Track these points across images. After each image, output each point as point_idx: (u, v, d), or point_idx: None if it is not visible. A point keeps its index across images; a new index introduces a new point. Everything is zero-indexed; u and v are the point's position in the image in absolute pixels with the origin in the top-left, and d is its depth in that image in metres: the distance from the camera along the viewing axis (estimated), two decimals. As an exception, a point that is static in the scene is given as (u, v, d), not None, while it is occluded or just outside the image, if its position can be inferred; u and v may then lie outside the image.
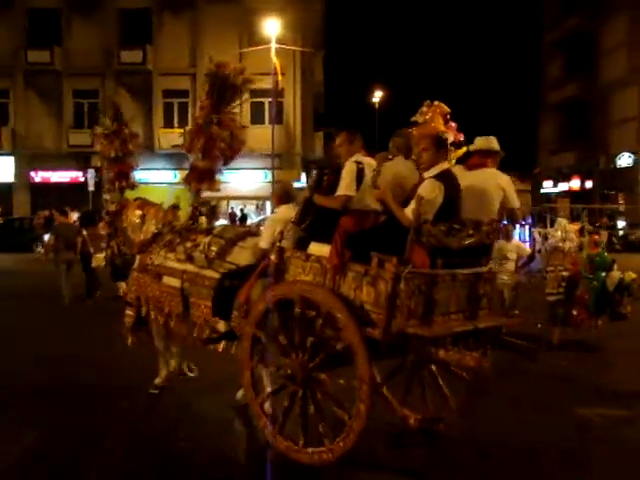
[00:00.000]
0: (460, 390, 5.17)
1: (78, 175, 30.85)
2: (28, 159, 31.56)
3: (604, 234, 13.34)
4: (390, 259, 4.16)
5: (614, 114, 34.76)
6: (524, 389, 6.50)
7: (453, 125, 5.29)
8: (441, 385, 5.20)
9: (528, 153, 45.67)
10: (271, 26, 28.91)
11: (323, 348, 4.45)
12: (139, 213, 6.95)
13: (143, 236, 6.72)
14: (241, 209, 30.71)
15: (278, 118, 30.16)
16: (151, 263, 6.21)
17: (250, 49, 29.73)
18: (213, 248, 5.69)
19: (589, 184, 37.10)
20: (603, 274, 8.50)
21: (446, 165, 4.54)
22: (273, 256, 4.92)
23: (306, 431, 4.50)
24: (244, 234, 5.88)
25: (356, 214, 4.57)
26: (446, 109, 5.28)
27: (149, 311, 6.18)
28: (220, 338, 5.47)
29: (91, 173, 27.75)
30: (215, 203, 20.64)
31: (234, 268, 5.48)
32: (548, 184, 41.86)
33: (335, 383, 4.47)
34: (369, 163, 4.75)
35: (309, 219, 4.72)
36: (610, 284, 8.40)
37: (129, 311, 6.43)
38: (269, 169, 29.40)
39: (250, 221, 27.57)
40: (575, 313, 8.45)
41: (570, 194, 36.96)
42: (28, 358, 7.65)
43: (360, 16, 59.57)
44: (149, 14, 31.66)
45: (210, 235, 5.93)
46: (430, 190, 4.28)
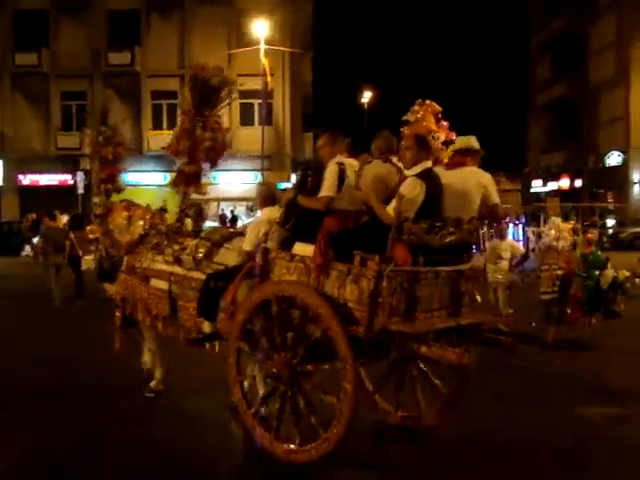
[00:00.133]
0: (444, 388, 5.19)
1: (67, 178, 30.70)
2: (16, 162, 31.40)
3: (595, 233, 13.38)
4: (372, 257, 4.21)
5: (603, 114, 34.99)
6: (518, 387, 6.51)
7: (445, 124, 5.33)
8: (424, 383, 5.24)
9: (518, 153, 46.10)
10: (260, 27, 28.93)
11: (304, 342, 4.50)
12: (125, 215, 7.00)
13: (130, 237, 6.76)
14: (231, 210, 30.66)
15: (267, 119, 30.17)
16: (139, 265, 6.25)
17: (239, 50, 29.75)
18: (201, 250, 5.73)
19: (578, 183, 37.35)
20: (597, 272, 8.49)
21: (429, 164, 4.59)
22: (258, 257, 4.95)
23: (300, 428, 4.53)
24: (231, 236, 5.92)
25: (339, 214, 4.61)
26: (437, 108, 5.31)
27: (137, 312, 6.20)
28: (205, 339, 5.48)
29: (80, 176, 27.61)
30: (202, 205, 20.59)
31: (221, 269, 5.50)
32: (537, 183, 42.12)
33: (320, 373, 4.50)
34: (351, 164, 4.80)
35: (293, 220, 4.77)
36: (604, 282, 8.39)
37: (118, 312, 6.49)
38: (259, 170, 29.41)
39: (241, 222, 27.54)
40: (569, 312, 8.45)
41: (560, 193, 37.10)
42: (24, 358, 7.67)
43: (349, 17, 59.87)
44: (137, 15, 31.59)
45: (197, 238, 5.98)
46: (411, 188, 4.34)
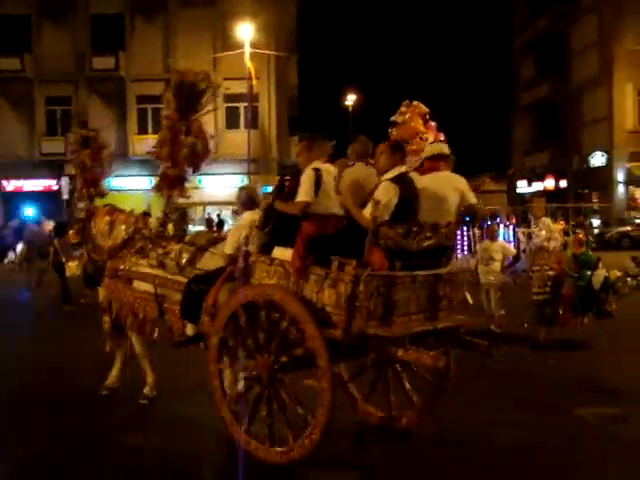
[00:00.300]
0: (424, 389, 5.26)
1: (51, 183, 30.51)
2: (0, 167, 31.18)
3: (581, 233, 13.46)
4: (350, 262, 4.26)
5: (586, 114, 35.23)
6: (511, 388, 6.52)
7: (433, 124, 5.36)
8: (405, 384, 5.30)
9: (502, 154, 46.35)
10: (245, 30, 28.93)
11: (284, 345, 4.55)
12: (108, 219, 7.00)
13: (112, 242, 6.77)
14: (218, 214, 30.60)
15: (253, 123, 30.16)
16: (123, 269, 6.28)
17: (224, 54, 29.73)
18: (184, 255, 5.77)
19: (563, 183, 37.57)
20: (588, 273, 8.51)
21: (403, 169, 4.67)
22: (240, 260, 5.01)
23: (272, 430, 4.58)
24: (215, 240, 5.96)
25: (317, 219, 4.67)
26: (424, 109, 5.34)
27: (123, 317, 6.25)
28: (189, 341, 5.52)
29: (65, 181, 27.43)
30: (185, 209, 20.46)
31: (202, 273, 5.55)
32: (522, 184, 42.35)
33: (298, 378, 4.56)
34: (327, 169, 4.86)
35: (271, 224, 4.82)
36: (596, 282, 8.41)
37: (106, 317, 6.54)
38: (245, 174, 29.38)
39: (227, 227, 27.47)
40: (561, 312, 8.47)
41: (545, 194, 37.38)
42: (14, 365, 7.67)
43: (332, 19, 59.91)
44: (121, 20, 31.44)
45: (181, 243, 6.01)
46: (385, 192, 4.41)
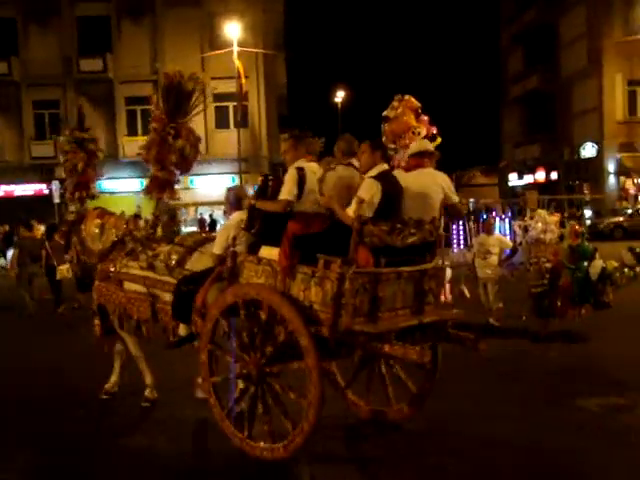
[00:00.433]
0: (413, 383, 5.32)
1: (42, 187, 30.33)
2: (-11, 173, 31.08)
3: (577, 224, 13.45)
4: (335, 260, 4.31)
5: (576, 105, 35.31)
6: (514, 381, 6.52)
7: (425, 118, 5.40)
8: (393, 378, 5.37)
9: (493, 147, 46.47)
10: (232, 29, 28.86)
11: (272, 343, 4.60)
12: (98, 222, 7.02)
13: (102, 246, 6.78)
14: (210, 215, 30.57)
15: (243, 122, 30.12)
16: (113, 271, 6.31)
17: (212, 53, 29.66)
18: (173, 257, 5.80)
19: (554, 175, 37.68)
20: (585, 264, 8.50)
21: (385, 166, 4.74)
22: (228, 260, 5.05)
23: (252, 424, 4.67)
24: (203, 241, 5.99)
25: (302, 217, 4.72)
26: (416, 103, 5.38)
27: (116, 319, 6.28)
28: (182, 341, 5.55)
29: (55, 185, 27.28)
30: (175, 210, 20.45)
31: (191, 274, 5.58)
32: (513, 177, 42.46)
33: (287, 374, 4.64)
34: (311, 168, 4.90)
35: (257, 224, 4.87)
36: (593, 273, 8.38)
37: (96, 320, 6.55)
38: (236, 173, 29.35)
39: (220, 227, 27.41)
40: (559, 304, 8.45)
41: (536, 186, 37.48)
42: (9, 369, 7.67)
43: (319, 16, 59.87)
44: (108, 21, 31.28)
45: (171, 244, 6.03)
46: (368, 190, 4.48)
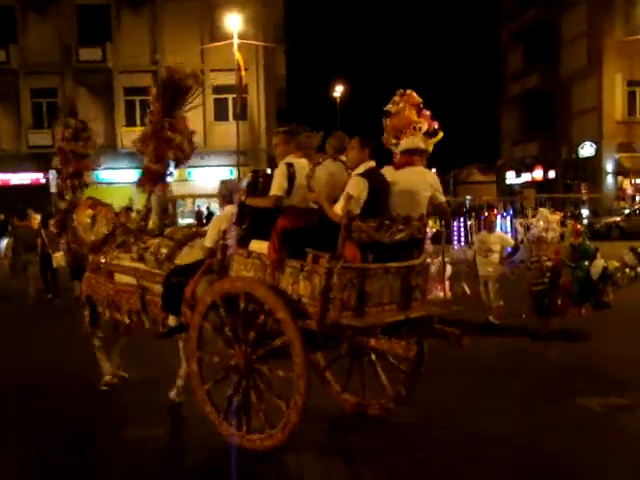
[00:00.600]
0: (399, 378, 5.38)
1: (39, 177, 30.30)
2: (-14, 161, 31.00)
3: (578, 223, 13.44)
4: (324, 255, 4.38)
5: (575, 104, 35.30)
6: (514, 379, 6.52)
7: (427, 113, 5.44)
8: (380, 373, 5.43)
9: (491, 145, 46.53)
10: (233, 21, 28.80)
11: (261, 336, 4.64)
12: (90, 213, 7.02)
13: (94, 237, 6.80)
14: (207, 207, 30.56)
15: (242, 114, 30.10)
16: (104, 263, 6.34)
17: (212, 45, 29.60)
18: (163, 250, 5.84)
19: (552, 174, 37.74)
20: (586, 263, 8.48)
21: (372, 163, 4.79)
22: (218, 253, 5.10)
23: (249, 418, 4.70)
24: (192, 235, 6.02)
25: (292, 212, 4.77)
26: (418, 99, 5.42)
27: (104, 311, 6.31)
28: (171, 332, 5.59)
29: (52, 174, 27.23)
30: (166, 203, 20.68)
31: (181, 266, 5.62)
32: (511, 175, 42.51)
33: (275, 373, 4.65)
34: (300, 164, 4.94)
35: (247, 220, 4.92)
36: (594, 273, 8.36)
37: (85, 311, 6.58)
38: (235, 166, 29.34)
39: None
40: (560, 302, 8.44)
41: (534, 184, 37.53)
42: (6, 358, 7.64)
43: (319, 10, 59.64)
44: (108, 10, 31.19)
45: (160, 237, 6.06)
46: (355, 186, 4.54)
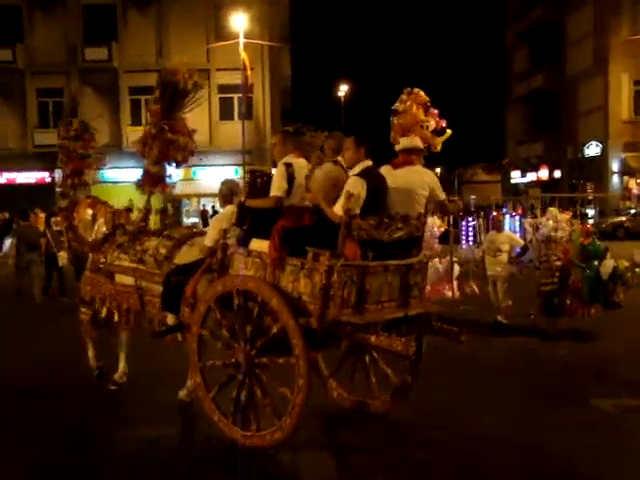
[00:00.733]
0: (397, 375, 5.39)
1: (44, 176, 30.41)
2: (-8, 160, 31.10)
3: (588, 223, 13.39)
4: (324, 253, 4.39)
5: (581, 104, 35.18)
6: (525, 380, 6.52)
7: (435, 112, 5.44)
8: (378, 369, 5.47)
9: (496, 144, 46.40)
10: (238, 21, 28.83)
11: (262, 333, 4.68)
12: (90, 212, 7.07)
13: (95, 235, 6.84)
14: (212, 206, 30.59)
15: (248, 113, 30.13)
16: (104, 263, 6.37)
17: (218, 44, 29.64)
18: (162, 251, 5.86)
19: (557, 174, 37.62)
20: (596, 263, 8.46)
21: (369, 162, 4.81)
22: (218, 253, 5.11)
23: (256, 415, 4.73)
24: (192, 235, 6.06)
25: (292, 211, 4.79)
26: (425, 97, 5.43)
27: (106, 310, 6.33)
28: (169, 330, 5.62)
29: (58, 173, 27.30)
30: (167, 203, 20.70)
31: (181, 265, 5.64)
32: (516, 174, 42.41)
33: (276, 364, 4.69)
34: (299, 163, 4.96)
35: (247, 220, 4.94)
36: (604, 273, 8.35)
37: (83, 308, 6.60)
38: (240, 165, 29.37)
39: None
40: (569, 302, 8.43)
41: (539, 184, 37.43)
42: (13, 358, 7.62)
43: (325, 10, 59.58)
44: (114, 10, 31.27)
45: (160, 237, 6.08)
46: (354, 186, 4.56)
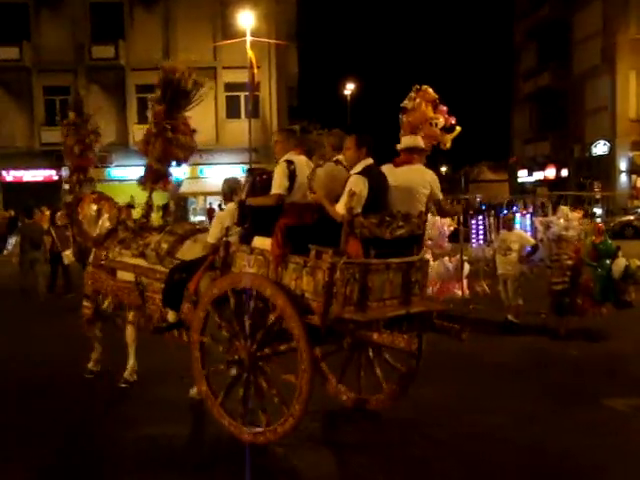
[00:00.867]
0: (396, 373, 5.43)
1: (52, 173, 30.52)
2: (-1, 158, 31.24)
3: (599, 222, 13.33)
4: (327, 251, 4.40)
5: (588, 103, 35.06)
6: (536, 380, 6.50)
7: (444, 109, 5.42)
8: (376, 368, 5.49)
9: (503, 143, 46.27)
10: (245, 19, 28.84)
11: (265, 331, 4.69)
12: (95, 207, 7.11)
13: (99, 231, 6.88)
14: (219, 204, 30.60)
15: (254, 112, 30.14)
16: (106, 259, 6.44)
17: (224, 42, 29.66)
18: (164, 246, 5.89)
19: (565, 172, 37.47)
20: (608, 262, 8.40)
21: (370, 161, 4.81)
22: (221, 250, 5.12)
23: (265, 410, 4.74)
24: (194, 231, 6.09)
25: (294, 209, 4.79)
26: (433, 95, 5.42)
27: (110, 304, 6.44)
28: (169, 327, 5.64)
29: (65, 171, 27.50)
30: (169, 200, 20.90)
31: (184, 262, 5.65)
32: (523, 173, 42.26)
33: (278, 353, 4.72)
34: (300, 161, 4.96)
35: (248, 219, 4.95)
36: (616, 272, 8.28)
37: (86, 303, 6.65)
38: (246, 163, 29.39)
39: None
40: (580, 302, 8.38)
41: (546, 183, 37.29)
42: (17, 357, 7.63)
43: (331, 7, 59.58)
44: (121, 8, 31.34)
45: (162, 233, 6.10)
46: (355, 184, 4.57)
